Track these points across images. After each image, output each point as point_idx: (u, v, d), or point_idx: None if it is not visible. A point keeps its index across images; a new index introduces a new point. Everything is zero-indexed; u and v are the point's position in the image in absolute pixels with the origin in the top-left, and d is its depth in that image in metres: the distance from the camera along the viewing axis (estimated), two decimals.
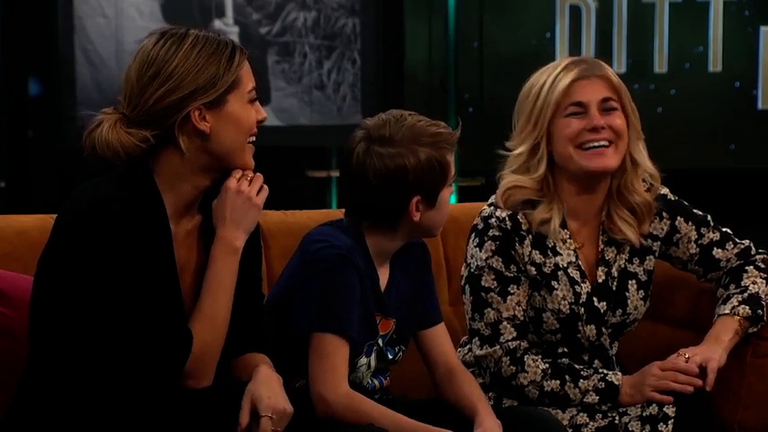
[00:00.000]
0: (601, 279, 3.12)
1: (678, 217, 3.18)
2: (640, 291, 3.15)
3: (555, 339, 3.11)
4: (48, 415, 2.53)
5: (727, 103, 7.17)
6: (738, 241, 3.20)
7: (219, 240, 2.59)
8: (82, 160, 2.57)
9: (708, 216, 3.21)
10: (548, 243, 3.07)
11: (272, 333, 2.77)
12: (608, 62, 3.18)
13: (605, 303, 3.11)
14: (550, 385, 3.04)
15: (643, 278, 3.16)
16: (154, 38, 2.56)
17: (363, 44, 6.98)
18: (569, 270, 3.08)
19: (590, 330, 3.10)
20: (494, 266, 3.05)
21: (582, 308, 3.08)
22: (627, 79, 3.13)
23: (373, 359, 2.91)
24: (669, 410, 2.95)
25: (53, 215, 2.59)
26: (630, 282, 3.14)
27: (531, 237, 3.05)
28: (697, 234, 3.18)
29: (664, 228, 3.18)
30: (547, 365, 3.05)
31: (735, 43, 7.15)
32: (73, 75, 6.73)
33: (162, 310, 2.50)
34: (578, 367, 3.07)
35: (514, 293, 3.05)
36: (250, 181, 2.62)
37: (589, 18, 7.15)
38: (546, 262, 3.06)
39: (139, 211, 2.50)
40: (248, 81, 2.60)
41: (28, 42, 6.81)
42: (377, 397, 2.91)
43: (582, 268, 3.10)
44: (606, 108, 3.04)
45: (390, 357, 2.95)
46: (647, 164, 3.11)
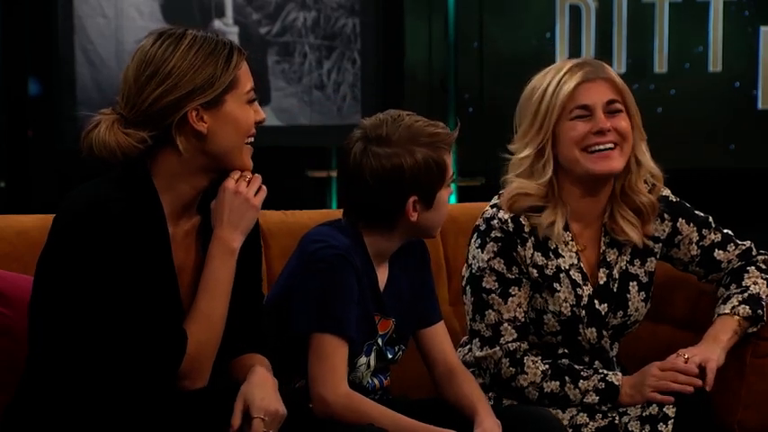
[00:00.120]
0: (602, 281, 3.11)
1: (680, 218, 3.18)
2: (641, 292, 3.14)
3: (555, 341, 3.11)
4: (47, 414, 2.53)
5: (727, 103, 7.16)
6: (740, 242, 3.20)
7: (217, 241, 2.59)
8: (82, 160, 2.57)
9: (709, 217, 3.21)
10: (550, 245, 3.06)
11: (272, 333, 2.76)
12: (608, 62, 3.17)
13: (606, 305, 3.11)
14: (550, 386, 3.04)
15: (644, 280, 3.15)
16: (152, 38, 2.55)
17: (363, 44, 6.97)
18: (571, 272, 3.08)
19: (590, 333, 3.10)
20: (495, 268, 3.04)
21: (583, 310, 3.08)
22: (627, 79, 3.13)
23: (373, 359, 2.91)
24: (669, 410, 2.95)
25: (53, 215, 2.59)
26: (631, 283, 3.14)
27: (533, 239, 3.05)
28: (698, 235, 3.18)
29: (665, 229, 3.17)
30: (546, 366, 3.05)
31: (735, 43, 7.14)
32: (73, 75, 6.72)
33: (158, 311, 2.49)
34: (578, 368, 3.06)
35: (515, 295, 3.05)
36: (248, 182, 2.62)
37: (589, 18, 7.14)
38: (548, 264, 3.06)
39: (137, 212, 2.49)
40: (246, 81, 2.59)
41: (28, 42, 6.80)
42: (377, 397, 2.91)
43: (583, 270, 3.09)
44: (611, 110, 3.03)
45: (390, 357, 2.94)
46: (651, 164, 3.10)
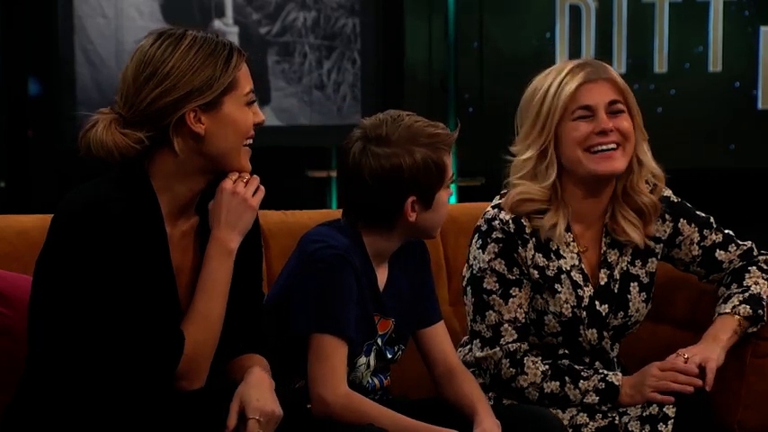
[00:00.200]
0: (603, 282, 3.11)
1: (681, 219, 3.17)
2: (642, 293, 3.14)
3: (556, 342, 3.10)
4: (47, 414, 2.53)
5: (727, 103, 7.16)
6: (741, 243, 3.19)
7: (214, 241, 2.58)
8: (82, 160, 2.57)
9: (710, 218, 3.21)
10: (551, 246, 3.06)
11: (271, 333, 2.76)
12: (608, 62, 3.17)
13: (607, 306, 3.10)
14: (550, 387, 3.03)
15: (645, 280, 3.15)
16: (151, 38, 2.55)
17: (363, 44, 6.97)
18: (572, 273, 3.07)
19: (591, 334, 3.09)
20: (496, 269, 3.04)
21: (584, 311, 3.07)
22: (627, 79, 3.12)
23: (372, 359, 2.91)
24: (669, 411, 2.95)
25: (53, 215, 2.59)
26: (632, 284, 3.13)
27: (535, 240, 3.05)
28: (699, 236, 3.18)
29: (666, 230, 3.17)
30: (547, 367, 3.05)
31: (735, 43, 7.14)
32: (73, 75, 6.72)
33: (156, 311, 2.49)
34: (578, 368, 3.06)
35: (516, 296, 3.05)
36: (246, 183, 2.61)
37: (589, 18, 7.14)
38: (549, 265, 3.06)
39: (135, 213, 2.49)
40: (246, 83, 2.58)
41: (28, 42, 6.80)
42: (377, 396, 2.91)
43: (584, 271, 3.09)
44: (613, 111, 3.03)
45: (390, 357, 2.94)
46: (652, 164, 3.10)
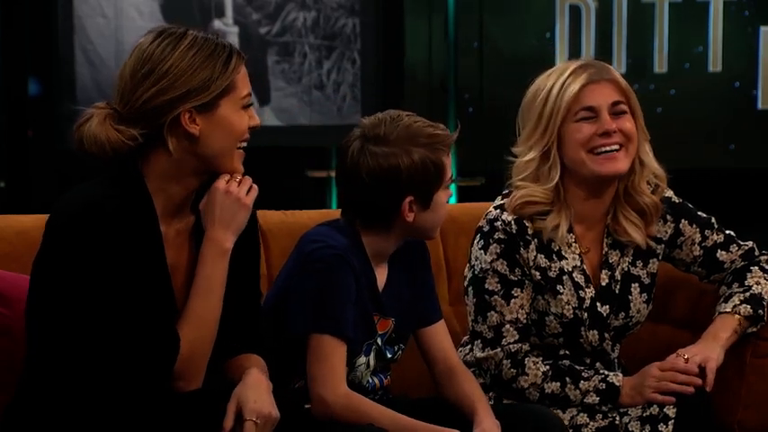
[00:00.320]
0: (604, 282, 3.11)
1: (682, 219, 3.17)
2: (643, 294, 3.14)
3: (557, 343, 3.10)
4: (46, 414, 2.53)
5: (727, 103, 7.16)
6: (742, 243, 3.19)
7: (208, 241, 2.58)
8: (82, 160, 2.57)
9: (712, 218, 3.20)
10: (553, 247, 3.05)
11: (270, 334, 2.76)
12: (608, 62, 3.16)
13: (608, 307, 3.10)
14: (551, 387, 3.03)
15: (646, 281, 3.15)
16: (151, 36, 2.54)
17: (363, 44, 6.96)
18: (574, 274, 3.07)
19: (592, 335, 3.09)
20: (498, 270, 3.04)
21: (585, 312, 3.07)
22: (627, 79, 3.12)
23: (372, 358, 2.91)
24: (669, 411, 2.95)
25: None
26: (633, 285, 3.13)
27: (537, 241, 3.04)
28: (701, 236, 3.17)
29: (668, 231, 3.17)
30: (547, 368, 3.04)
31: (735, 43, 7.14)
32: (73, 75, 6.72)
33: (151, 311, 2.49)
34: (579, 368, 3.06)
35: (518, 297, 3.04)
36: (239, 182, 2.60)
37: (589, 18, 7.13)
38: (551, 266, 3.05)
39: (129, 212, 2.48)
40: (243, 87, 2.57)
41: (28, 42, 6.80)
42: (377, 396, 2.91)
43: (586, 272, 3.09)
44: (616, 112, 3.03)
45: (389, 356, 2.94)
46: (654, 165, 3.09)
